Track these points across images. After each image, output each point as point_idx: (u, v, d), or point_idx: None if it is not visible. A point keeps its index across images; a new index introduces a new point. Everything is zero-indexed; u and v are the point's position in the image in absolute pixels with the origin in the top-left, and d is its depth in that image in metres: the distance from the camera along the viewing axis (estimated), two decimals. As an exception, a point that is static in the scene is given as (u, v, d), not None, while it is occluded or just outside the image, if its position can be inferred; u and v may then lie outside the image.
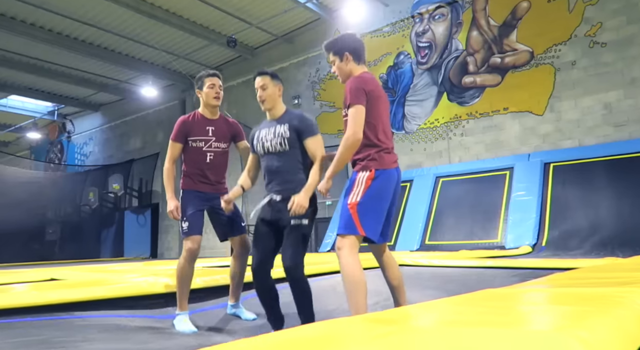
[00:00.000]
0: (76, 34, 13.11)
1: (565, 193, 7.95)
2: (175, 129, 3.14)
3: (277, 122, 2.73)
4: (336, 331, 1.20)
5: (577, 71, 8.88)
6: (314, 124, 2.75)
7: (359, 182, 2.31)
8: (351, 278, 2.15)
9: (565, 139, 8.93)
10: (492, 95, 9.89)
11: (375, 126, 2.35)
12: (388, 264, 2.58)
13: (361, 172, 2.34)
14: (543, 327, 1.19)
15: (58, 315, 2.84)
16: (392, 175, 2.38)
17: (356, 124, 2.28)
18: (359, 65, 2.50)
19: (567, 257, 5.96)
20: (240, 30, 12.94)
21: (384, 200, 2.34)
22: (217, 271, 4.63)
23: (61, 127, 21.56)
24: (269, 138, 2.70)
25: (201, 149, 3.11)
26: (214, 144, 3.15)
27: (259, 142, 2.78)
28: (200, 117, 3.18)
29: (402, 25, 11.52)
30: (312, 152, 2.66)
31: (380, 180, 2.30)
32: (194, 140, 3.11)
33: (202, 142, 3.12)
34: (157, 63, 15.11)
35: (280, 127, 2.69)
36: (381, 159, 2.34)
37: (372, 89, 2.35)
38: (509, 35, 9.76)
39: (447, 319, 1.41)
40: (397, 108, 11.37)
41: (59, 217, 17.15)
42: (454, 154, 10.37)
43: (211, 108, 3.20)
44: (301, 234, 2.61)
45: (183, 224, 3.04)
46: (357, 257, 2.23)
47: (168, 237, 16.30)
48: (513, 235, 7.88)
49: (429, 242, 8.89)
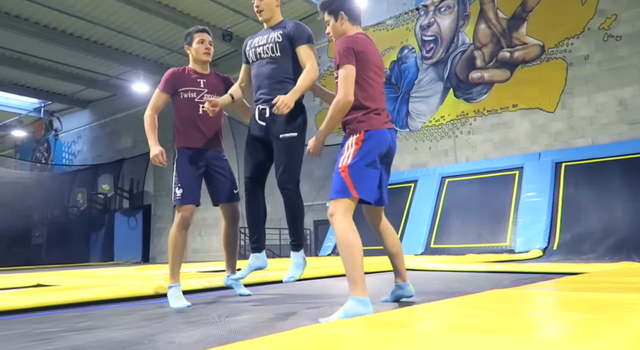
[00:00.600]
0: (64, 27, 13.12)
1: (577, 194, 7.95)
2: (163, 79, 3.16)
3: (272, 30, 2.82)
4: (339, 335, 1.20)
5: (590, 66, 8.89)
6: (309, 33, 2.79)
7: (349, 145, 2.35)
8: (346, 242, 2.17)
9: (577, 137, 8.93)
10: (500, 92, 9.90)
11: (364, 88, 2.39)
12: (386, 232, 2.66)
13: (351, 136, 2.38)
14: (553, 335, 1.19)
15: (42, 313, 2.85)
16: (383, 135, 2.41)
17: (347, 86, 2.32)
18: (353, 26, 2.55)
19: (580, 262, 5.96)
20: (236, 23, 12.95)
21: (376, 161, 2.37)
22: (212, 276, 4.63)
23: (48, 124, 21.57)
24: (261, 43, 2.79)
25: (193, 100, 3.12)
26: (207, 96, 3.15)
27: (251, 48, 2.87)
28: (191, 71, 3.22)
29: (406, 18, 11.53)
30: (303, 60, 2.71)
31: (371, 141, 2.34)
32: (185, 91, 3.13)
33: (194, 92, 3.14)
34: (149, 57, 15.12)
35: (273, 33, 2.77)
36: (370, 120, 2.37)
37: (363, 49, 2.39)
38: (518, 28, 9.76)
39: (453, 323, 1.41)
40: (400, 105, 11.37)
41: (45, 220, 17.15)
42: (460, 153, 10.38)
43: (201, 63, 3.24)
44: (291, 147, 2.67)
45: (177, 190, 3.03)
46: (351, 221, 2.26)
47: (161, 241, 16.30)
48: (523, 238, 7.89)
49: (434, 246, 8.90)
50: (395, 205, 9.70)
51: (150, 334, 2.02)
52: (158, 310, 2.82)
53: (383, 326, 1.24)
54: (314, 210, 11.82)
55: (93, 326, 2.35)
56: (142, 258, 16.03)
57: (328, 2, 2.58)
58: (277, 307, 2.81)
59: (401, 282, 2.74)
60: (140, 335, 1.99)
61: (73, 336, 2.05)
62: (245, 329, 1.99)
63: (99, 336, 2.02)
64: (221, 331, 1.99)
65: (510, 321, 1.36)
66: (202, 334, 1.94)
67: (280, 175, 2.66)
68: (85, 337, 2.01)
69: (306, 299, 3.20)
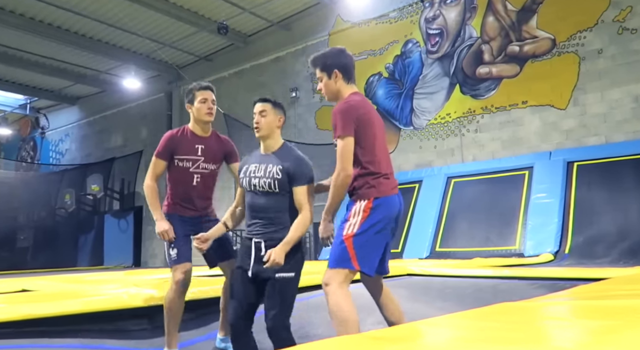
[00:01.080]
0: (51, 20, 13.10)
1: (590, 195, 7.94)
2: (161, 145, 3.11)
3: (270, 159, 2.66)
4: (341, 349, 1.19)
5: (604, 60, 8.87)
6: (309, 172, 2.65)
7: (355, 212, 2.30)
8: (341, 316, 2.12)
9: (590, 135, 8.92)
10: (509, 88, 9.88)
11: (370, 151, 2.34)
12: (385, 301, 2.53)
13: (358, 202, 2.32)
14: (567, 345, 1.18)
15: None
16: (393, 203, 2.36)
17: (344, 160, 2.30)
18: (348, 85, 2.49)
19: (593, 266, 5.95)
20: (232, 16, 12.93)
21: (384, 231, 2.31)
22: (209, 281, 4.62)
23: (34, 122, 21.55)
24: (259, 175, 2.64)
25: (188, 170, 3.10)
26: (202, 164, 3.13)
27: (246, 176, 2.71)
28: (189, 134, 3.15)
29: (410, 11, 11.52)
30: (298, 202, 2.60)
31: (381, 210, 2.28)
32: (180, 159, 3.09)
33: (190, 162, 3.10)
34: (141, 52, 15.10)
35: (272, 167, 2.62)
36: (380, 186, 2.32)
37: (362, 112, 2.35)
38: (528, 21, 9.75)
39: (460, 336, 1.39)
40: (404, 101, 11.36)
41: (31, 222, 17.12)
42: (467, 152, 10.36)
43: (202, 124, 3.16)
44: (286, 289, 2.54)
45: (171, 251, 3.01)
46: (347, 292, 2.21)
47: (152, 244, 16.29)
48: (533, 241, 7.87)
49: (439, 249, 8.88)
50: (398, 207, 9.68)
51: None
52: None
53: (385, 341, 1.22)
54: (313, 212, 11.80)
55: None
56: (133, 262, 16.01)
57: (320, 57, 2.53)
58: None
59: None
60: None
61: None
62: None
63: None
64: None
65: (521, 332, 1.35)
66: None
67: (272, 320, 2.50)
68: None
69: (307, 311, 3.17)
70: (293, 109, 13.32)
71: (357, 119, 2.31)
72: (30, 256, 15.94)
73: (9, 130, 21.02)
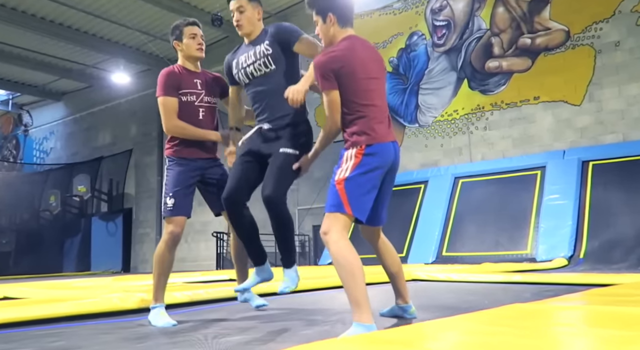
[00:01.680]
0: (34, 11, 13.10)
1: (607, 196, 7.95)
2: (162, 82, 3.11)
3: (255, 43, 2.83)
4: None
5: (621, 53, 8.88)
6: (293, 27, 2.82)
7: (348, 157, 2.39)
8: (344, 262, 2.18)
9: (607, 133, 8.93)
10: (520, 82, 9.89)
11: (360, 97, 2.42)
12: (384, 249, 2.72)
13: (351, 148, 2.41)
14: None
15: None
16: (387, 150, 2.43)
17: (333, 113, 2.46)
18: (342, 29, 2.55)
19: (610, 272, 5.96)
20: (226, 7, 12.90)
21: (375, 177, 2.39)
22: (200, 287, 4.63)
23: (16, 119, 21.56)
24: (250, 61, 2.81)
25: (193, 103, 3.14)
26: (205, 98, 3.19)
27: (239, 70, 2.89)
28: (183, 70, 3.21)
29: (415, 1, 11.53)
30: (308, 53, 2.75)
31: (373, 156, 2.37)
32: (184, 94, 3.12)
33: (194, 95, 3.15)
34: (130, 45, 15.11)
35: (259, 47, 2.77)
36: (372, 131, 2.40)
37: (340, 65, 2.40)
38: (540, 11, 9.76)
39: (467, 341, 1.40)
40: (409, 97, 11.37)
41: (13, 225, 17.13)
42: (475, 150, 10.38)
43: (194, 60, 3.24)
44: (288, 164, 2.71)
45: (167, 199, 3.01)
46: (347, 240, 2.28)
47: (143, 248, 16.30)
48: (545, 245, 7.88)
49: (446, 254, 8.89)
50: (403, 209, 9.70)
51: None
52: (139, 329, 2.82)
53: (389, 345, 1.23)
54: (313, 214, 11.83)
55: (67, 347, 2.34)
56: (122, 267, 16.02)
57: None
58: (269, 325, 2.81)
59: (403, 303, 2.76)
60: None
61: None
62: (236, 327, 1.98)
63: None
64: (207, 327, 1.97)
65: (531, 339, 1.35)
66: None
67: (269, 190, 2.67)
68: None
69: (302, 314, 3.21)
70: (291, 105, 13.35)
71: (336, 72, 2.38)
72: (12, 261, 15.95)
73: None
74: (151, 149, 16.24)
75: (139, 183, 16.83)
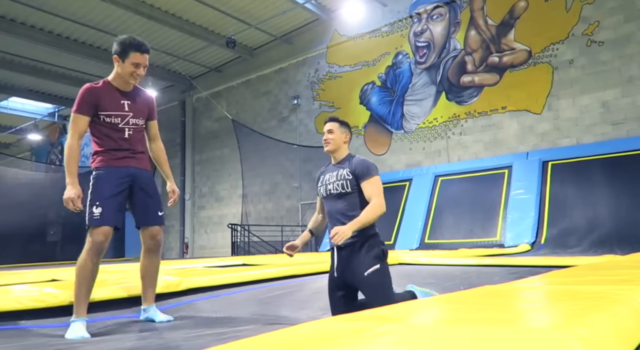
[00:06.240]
0: (76, 36, 13.12)
1: (563, 191, 7.96)
2: (79, 99, 2.55)
3: (340, 166, 2.72)
4: (332, 330, 1.19)
5: (574, 70, 8.89)
6: (373, 168, 2.67)
7: None
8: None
9: (563, 137, 8.93)
10: (490, 94, 9.89)
11: None
12: None
13: None
14: (542, 325, 1.19)
15: None
16: None
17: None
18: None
19: (566, 255, 5.96)
20: (240, 31, 12.94)
21: None
22: (218, 271, 4.63)
23: (62, 128, 21.55)
24: (332, 180, 2.71)
25: (117, 125, 2.60)
26: (132, 120, 2.65)
27: (322, 185, 2.77)
28: (112, 89, 2.65)
29: (400, 25, 11.52)
30: (368, 194, 2.59)
31: None
32: (107, 116, 2.57)
33: (119, 118, 2.60)
34: (157, 64, 15.11)
35: (342, 171, 2.68)
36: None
37: None
38: (506, 34, 9.76)
39: (446, 317, 1.40)
40: (396, 107, 11.36)
41: (59, 218, 17.11)
42: (452, 153, 10.37)
43: (125, 83, 2.68)
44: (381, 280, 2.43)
45: (94, 209, 2.49)
46: None
47: (169, 238, 16.30)
48: (512, 233, 7.89)
49: (428, 241, 8.90)
50: (391, 203, 9.66)
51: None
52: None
53: (376, 321, 1.23)
54: (314, 208, 11.79)
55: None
56: (152, 254, 15.99)
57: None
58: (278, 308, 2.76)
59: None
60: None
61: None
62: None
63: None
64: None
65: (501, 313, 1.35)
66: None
67: None
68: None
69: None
70: (294, 114, 13.32)
71: None
72: (59, 249, 15.96)
73: (39, 136, 21.01)
74: (175, 154, 16.22)
75: (164, 182, 16.79)
